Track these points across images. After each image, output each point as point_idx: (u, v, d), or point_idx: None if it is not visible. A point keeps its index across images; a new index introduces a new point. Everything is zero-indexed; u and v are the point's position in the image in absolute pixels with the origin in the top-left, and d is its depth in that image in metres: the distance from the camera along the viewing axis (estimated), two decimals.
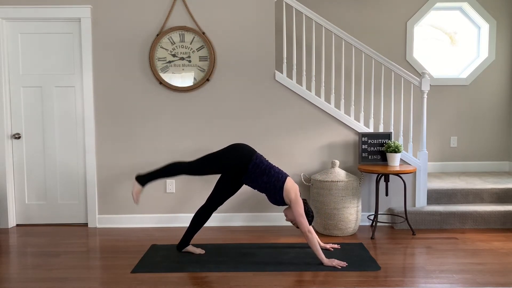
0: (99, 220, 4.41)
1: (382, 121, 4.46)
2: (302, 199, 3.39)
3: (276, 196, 3.36)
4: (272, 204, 3.49)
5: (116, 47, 4.30)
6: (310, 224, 3.33)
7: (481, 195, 4.47)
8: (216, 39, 4.30)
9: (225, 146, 3.64)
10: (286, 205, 3.40)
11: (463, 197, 4.46)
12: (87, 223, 4.45)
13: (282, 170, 3.44)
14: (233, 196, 4.25)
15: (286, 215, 3.46)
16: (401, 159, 4.33)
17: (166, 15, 4.26)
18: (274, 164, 3.48)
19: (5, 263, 3.44)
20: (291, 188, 3.32)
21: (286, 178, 3.35)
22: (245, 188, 4.27)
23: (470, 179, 4.97)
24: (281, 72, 4.36)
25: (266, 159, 3.47)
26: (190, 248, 3.53)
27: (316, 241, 3.28)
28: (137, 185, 3.45)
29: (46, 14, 4.26)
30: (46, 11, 4.26)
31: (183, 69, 4.30)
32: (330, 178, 4.03)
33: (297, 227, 3.40)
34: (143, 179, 3.46)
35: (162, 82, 4.29)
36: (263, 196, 4.25)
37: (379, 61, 4.35)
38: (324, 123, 4.37)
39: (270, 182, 3.33)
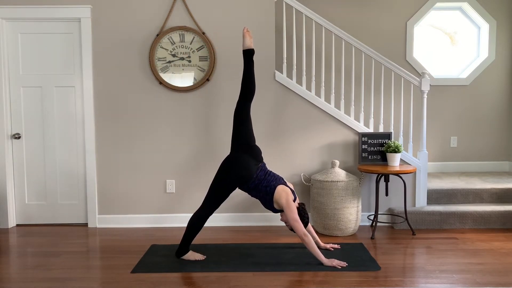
0: (99, 220, 4.41)
1: (382, 121, 4.46)
2: (300, 203, 3.40)
3: (268, 205, 3.40)
4: None
5: (116, 47, 4.30)
6: (306, 226, 3.34)
7: (481, 195, 4.47)
8: (216, 39, 4.30)
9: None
10: (281, 211, 3.40)
11: (463, 197, 4.46)
12: (87, 223, 4.45)
13: (272, 180, 3.39)
14: (233, 196, 4.26)
15: (281, 215, 3.46)
16: (401, 159, 4.33)
17: (166, 15, 4.26)
18: (268, 174, 3.44)
19: (5, 263, 3.44)
20: (280, 196, 3.31)
21: (275, 189, 3.34)
22: None
23: (470, 179, 4.97)
24: (281, 72, 4.36)
25: (262, 172, 3.41)
26: (190, 255, 3.42)
27: (314, 243, 3.28)
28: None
29: (46, 14, 4.26)
30: (46, 11, 4.26)
31: (183, 69, 4.30)
32: (330, 178, 4.03)
33: (291, 229, 3.40)
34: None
35: (162, 82, 4.29)
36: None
37: (379, 61, 4.35)
38: (324, 123, 4.37)
39: (259, 196, 3.39)
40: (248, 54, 3.61)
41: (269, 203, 3.37)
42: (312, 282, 3.00)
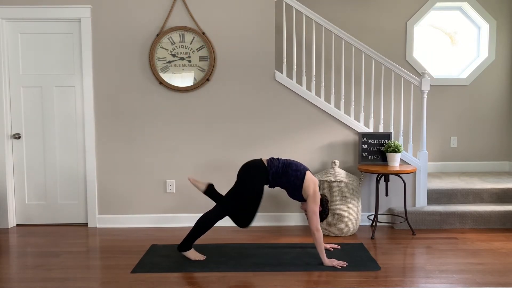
0: (99, 220, 4.41)
1: (382, 121, 4.46)
2: (323, 196, 3.40)
3: (296, 193, 3.37)
4: (272, 205, 3.48)
5: (116, 47, 4.30)
6: (322, 221, 3.36)
7: (481, 195, 4.47)
8: (216, 39, 4.29)
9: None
10: (305, 200, 3.38)
11: (463, 197, 4.46)
12: (87, 223, 4.45)
13: (300, 165, 3.39)
14: None
15: (302, 203, 3.46)
16: (401, 159, 4.33)
17: (166, 15, 4.26)
18: (290, 160, 3.44)
19: (5, 263, 3.44)
20: (309, 185, 3.30)
21: (304, 174, 3.33)
22: None
23: (470, 179, 4.97)
24: (281, 72, 4.36)
25: (279, 159, 3.42)
26: (191, 253, 3.41)
27: (322, 241, 3.28)
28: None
29: (46, 14, 4.26)
30: (46, 11, 4.26)
31: (183, 69, 4.30)
32: (330, 178, 4.03)
33: None
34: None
35: (162, 82, 4.29)
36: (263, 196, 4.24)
37: (379, 61, 4.35)
38: (324, 123, 4.37)
39: (290, 182, 3.34)
40: (212, 190, 3.54)
41: (298, 189, 3.33)
42: (312, 282, 3.00)
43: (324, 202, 3.38)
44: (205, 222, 3.38)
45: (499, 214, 4.20)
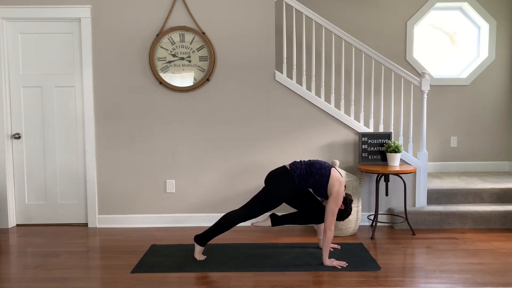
0: (99, 220, 4.41)
1: (382, 121, 4.46)
2: (348, 195, 3.40)
3: (321, 190, 3.35)
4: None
5: (116, 47, 4.30)
6: (340, 220, 3.39)
7: (481, 195, 4.47)
8: (216, 39, 4.29)
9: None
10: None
11: (463, 197, 4.46)
12: (87, 223, 4.45)
13: (324, 163, 3.38)
14: (232, 195, 4.26)
15: (323, 199, 3.47)
16: (401, 159, 4.33)
17: (166, 15, 4.26)
18: (313, 160, 3.44)
19: (5, 263, 3.45)
20: (334, 183, 3.28)
21: (330, 172, 3.31)
22: (244, 189, 4.29)
23: (470, 179, 4.97)
24: (281, 72, 4.36)
25: (301, 161, 3.42)
26: (198, 251, 3.42)
27: (330, 241, 3.28)
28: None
29: (46, 14, 4.26)
30: (46, 11, 4.26)
31: (183, 69, 4.30)
32: None
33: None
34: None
35: (162, 82, 4.29)
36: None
37: (379, 61, 4.35)
38: (324, 123, 4.37)
39: (316, 180, 3.33)
40: (278, 218, 3.56)
41: (324, 187, 3.30)
42: (312, 282, 3.00)
43: (347, 202, 3.38)
44: (227, 222, 3.37)
45: (499, 214, 4.20)
